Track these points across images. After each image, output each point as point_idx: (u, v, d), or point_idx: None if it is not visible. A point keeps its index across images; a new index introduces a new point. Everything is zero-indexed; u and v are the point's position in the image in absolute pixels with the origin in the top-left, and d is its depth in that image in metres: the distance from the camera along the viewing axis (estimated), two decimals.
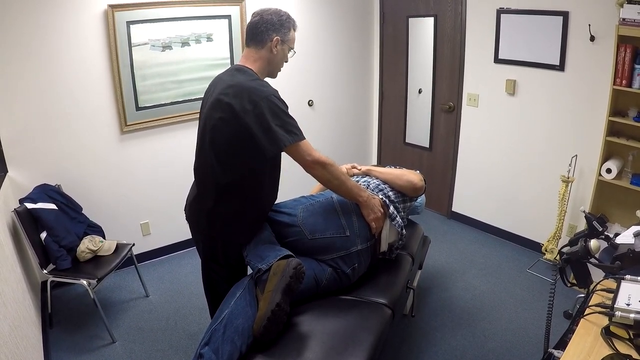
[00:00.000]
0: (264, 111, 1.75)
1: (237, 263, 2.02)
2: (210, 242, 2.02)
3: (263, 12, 1.94)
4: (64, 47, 2.92)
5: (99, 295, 3.08)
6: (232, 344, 1.61)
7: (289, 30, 1.96)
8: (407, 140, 4.54)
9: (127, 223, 3.47)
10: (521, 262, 3.52)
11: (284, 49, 1.97)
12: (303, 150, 1.83)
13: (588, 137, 3.11)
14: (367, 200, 2.03)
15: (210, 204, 1.92)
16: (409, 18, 4.16)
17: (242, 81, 1.83)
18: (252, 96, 1.76)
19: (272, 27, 1.91)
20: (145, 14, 3.13)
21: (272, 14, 1.93)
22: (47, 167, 3.04)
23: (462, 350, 2.61)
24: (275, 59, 1.97)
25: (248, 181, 1.90)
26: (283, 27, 1.93)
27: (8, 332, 1.93)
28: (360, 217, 2.05)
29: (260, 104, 1.75)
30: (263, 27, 1.91)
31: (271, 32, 1.91)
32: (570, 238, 1.81)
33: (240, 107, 1.75)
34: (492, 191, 3.89)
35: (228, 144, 1.83)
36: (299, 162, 1.86)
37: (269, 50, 1.92)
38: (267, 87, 1.83)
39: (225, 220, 1.93)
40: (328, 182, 1.94)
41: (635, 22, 2.56)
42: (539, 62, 3.30)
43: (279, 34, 1.92)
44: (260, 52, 1.93)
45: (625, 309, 1.37)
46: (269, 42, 1.91)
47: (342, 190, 1.98)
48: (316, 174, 1.89)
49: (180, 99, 3.46)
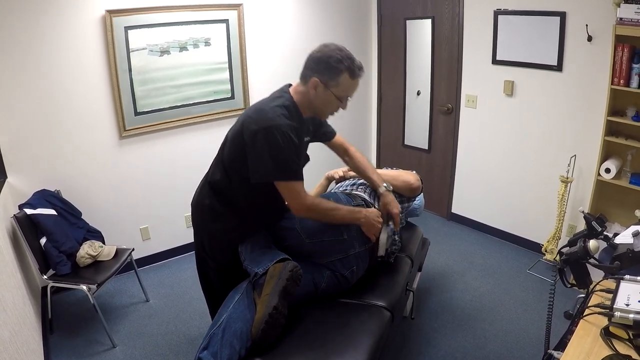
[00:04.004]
0: (260, 138, 1.72)
1: (225, 260, 2.05)
2: (198, 231, 2.12)
3: (319, 48, 1.83)
4: (62, 53, 2.93)
5: (99, 300, 3.07)
6: (230, 347, 1.61)
7: (337, 75, 1.79)
8: (406, 143, 4.54)
9: (126, 228, 3.47)
10: (521, 263, 3.51)
11: (327, 94, 1.82)
12: (291, 191, 1.82)
13: (587, 137, 3.11)
14: (365, 219, 1.99)
15: (197, 194, 2.06)
16: (406, 20, 4.16)
17: (264, 103, 1.83)
18: (259, 121, 1.75)
19: (316, 68, 1.80)
20: (143, 19, 3.13)
21: (323, 54, 1.80)
22: (46, 172, 3.04)
23: (462, 352, 2.61)
24: (316, 101, 1.85)
25: (239, 188, 1.92)
26: (329, 71, 1.78)
27: (8, 337, 1.93)
28: None
29: (260, 131, 1.72)
30: (308, 64, 1.83)
31: (312, 73, 1.81)
32: (570, 238, 1.81)
33: (247, 126, 1.77)
34: (492, 192, 3.89)
35: (232, 153, 1.88)
36: (286, 202, 1.88)
37: (309, 90, 1.83)
38: (278, 118, 1.74)
39: (208, 215, 2.00)
40: (319, 221, 1.95)
41: (632, 22, 2.56)
42: (536, 63, 3.30)
43: (322, 76, 1.79)
44: (303, 87, 1.86)
45: (624, 309, 1.37)
46: (309, 81, 1.82)
47: (337, 221, 1.97)
48: (305, 218, 1.93)
49: (178, 103, 3.46)
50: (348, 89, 1.85)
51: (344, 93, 1.85)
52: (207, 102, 3.59)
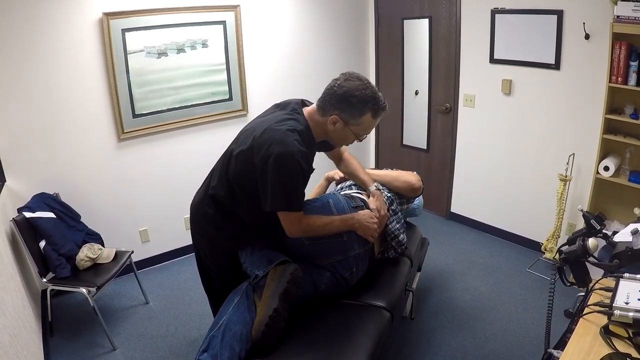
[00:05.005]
0: (271, 165, 1.65)
1: (226, 264, 2.04)
2: (198, 237, 2.09)
3: (342, 82, 1.73)
4: (60, 56, 2.93)
5: (99, 303, 3.07)
6: (230, 350, 1.61)
7: (360, 115, 1.74)
8: (405, 142, 4.54)
9: (125, 230, 3.46)
10: (521, 262, 3.51)
11: (345, 131, 1.78)
12: (291, 221, 1.80)
13: (585, 135, 3.11)
14: (359, 223, 1.97)
15: (198, 201, 2.02)
16: (403, 20, 4.16)
17: (276, 124, 1.72)
18: (271, 147, 1.66)
19: (337, 105, 1.73)
20: (140, 21, 3.13)
21: (346, 91, 1.71)
22: (44, 176, 3.04)
23: (462, 351, 2.61)
24: (333, 135, 1.82)
25: (243, 203, 1.90)
26: (352, 110, 1.73)
27: (8, 341, 1.93)
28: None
29: (272, 158, 1.65)
30: (328, 98, 1.75)
31: (333, 109, 1.74)
32: (569, 237, 1.81)
33: (259, 150, 1.69)
34: (491, 191, 3.89)
35: (240, 173, 1.82)
36: (283, 227, 1.83)
37: (327, 124, 1.78)
38: (291, 145, 1.66)
39: (210, 223, 1.98)
40: (315, 237, 1.92)
41: (629, 19, 2.56)
42: (534, 62, 3.30)
43: (343, 114, 1.74)
44: (320, 118, 1.79)
45: (623, 307, 1.37)
46: (327, 115, 1.77)
47: (333, 233, 1.93)
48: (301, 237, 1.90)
49: (177, 105, 3.46)
50: (368, 128, 1.83)
51: (363, 132, 1.83)
52: (205, 104, 3.59)
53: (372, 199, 2.18)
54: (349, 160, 2.34)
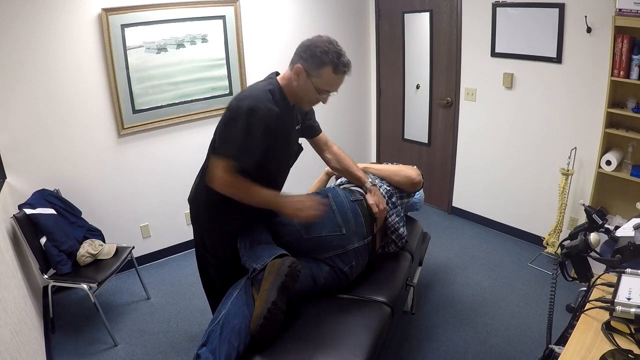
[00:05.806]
0: (229, 113, 1.76)
1: (225, 256, 2.04)
2: (197, 228, 2.11)
3: (313, 37, 1.84)
4: (59, 52, 2.91)
5: (100, 299, 3.08)
6: (229, 344, 1.61)
7: (320, 66, 1.78)
8: (406, 137, 4.53)
9: (126, 226, 3.47)
10: (522, 256, 3.51)
11: (307, 84, 1.82)
12: (223, 166, 1.71)
13: (587, 129, 3.09)
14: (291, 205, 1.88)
15: (193, 190, 2.07)
16: (404, 14, 4.14)
17: (245, 89, 1.86)
18: (242, 99, 1.78)
19: (302, 55, 1.80)
20: (139, 17, 3.11)
21: (312, 42, 1.80)
22: (45, 172, 3.03)
23: (464, 346, 2.61)
24: (296, 90, 1.86)
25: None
26: (314, 61, 1.78)
27: (10, 338, 1.93)
28: (357, 215, 2.04)
29: (231, 106, 1.77)
30: (297, 50, 1.84)
31: (298, 59, 1.81)
32: (571, 232, 1.80)
33: (230, 102, 1.81)
34: (492, 185, 3.87)
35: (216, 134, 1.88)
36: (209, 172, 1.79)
37: (292, 76, 1.84)
38: (248, 100, 1.74)
39: (205, 211, 2.00)
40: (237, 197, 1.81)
41: (631, 12, 2.54)
42: (536, 55, 3.27)
43: (306, 64, 1.79)
44: (288, 73, 1.87)
45: (625, 303, 1.36)
46: (293, 67, 1.83)
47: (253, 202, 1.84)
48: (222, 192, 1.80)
49: (176, 100, 3.45)
50: (329, 83, 1.83)
51: (324, 86, 1.83)
52: (205, 99, 3.58)
53: (369, 195, 2.18)
54: (339, 154, 2.32)
